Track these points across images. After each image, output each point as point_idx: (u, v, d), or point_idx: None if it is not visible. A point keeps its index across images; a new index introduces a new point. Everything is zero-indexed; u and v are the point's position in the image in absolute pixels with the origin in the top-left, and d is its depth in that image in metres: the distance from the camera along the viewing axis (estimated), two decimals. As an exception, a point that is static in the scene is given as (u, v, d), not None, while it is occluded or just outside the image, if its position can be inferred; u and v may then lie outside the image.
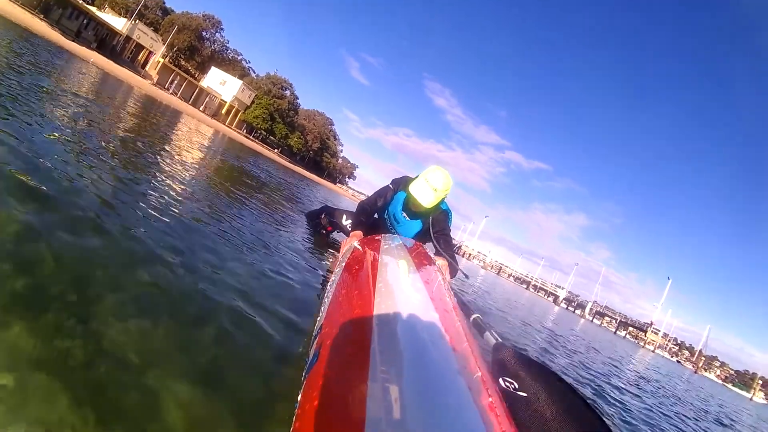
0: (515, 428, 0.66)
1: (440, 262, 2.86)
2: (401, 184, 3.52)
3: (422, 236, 3.42)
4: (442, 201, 3.44)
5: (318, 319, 1.24)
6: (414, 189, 3.26)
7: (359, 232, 3.21)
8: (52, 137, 2.74)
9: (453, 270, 3.13)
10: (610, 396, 4.14)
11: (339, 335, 0.91)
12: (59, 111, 3.73)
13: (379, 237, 2.41)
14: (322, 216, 4.22)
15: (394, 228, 3.60)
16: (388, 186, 3.65)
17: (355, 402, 0.62)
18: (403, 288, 1.20)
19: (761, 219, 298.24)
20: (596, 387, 4.21)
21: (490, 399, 0.68)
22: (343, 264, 1.74)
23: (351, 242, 2.79)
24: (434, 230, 3.36)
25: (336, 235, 4.39)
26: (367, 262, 1.56)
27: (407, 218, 3.46)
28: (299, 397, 0.77)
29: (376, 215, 3.81)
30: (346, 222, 4.04)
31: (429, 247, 3.12)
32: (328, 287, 1.58)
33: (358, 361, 0.73)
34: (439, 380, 0.69)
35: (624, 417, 3.45)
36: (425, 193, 3.24)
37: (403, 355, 0.75)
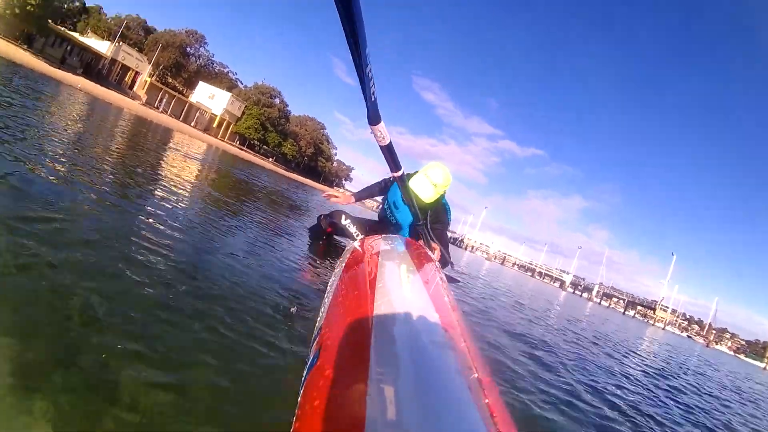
0: (515, 428, 0.67)
1: (435, 253, 2.99)
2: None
3: (418, 224, 3.50)
4: (442, 197, 3.58)
5: (318, 319, 1.24)
6: (414, 184, 3.36)
7: (350, 197, 4.13)
8: (43, 167, 2.68)
9: (444, 261, 3.36)
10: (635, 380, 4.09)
11: (339, 335, 0.92)
12: (50, 139, 3.70)
13: (379, 237, 2.40)
14: (321, 217, 4.20)
15: (393, 214, 3.77)
16: (388, 177, 3.80)
17: (355, 402, 0.63)
18: (403, 288, 1.21)
19: (761, 186, 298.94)
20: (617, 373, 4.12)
21: (490, 399, 0.70)
22: (343, 264, 1.75)
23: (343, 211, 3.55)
24: (432, 222, 3.46)
25: (337, 238, 4.35)
26: (366, 263, 1.57)
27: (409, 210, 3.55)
28: (299, 398, 0.78)
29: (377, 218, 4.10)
30: (345, 221, 4.01)
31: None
32: (329, 287, 1.58)
33: (359, 361, 0.74)
34: (439, 380, 0.69)
35: (648, 402, 3.38)
36: (425, 189, 3.36)
37: (402, 355, 0.76)
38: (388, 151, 2.56)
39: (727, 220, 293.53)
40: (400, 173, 2.91)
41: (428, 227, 3.43)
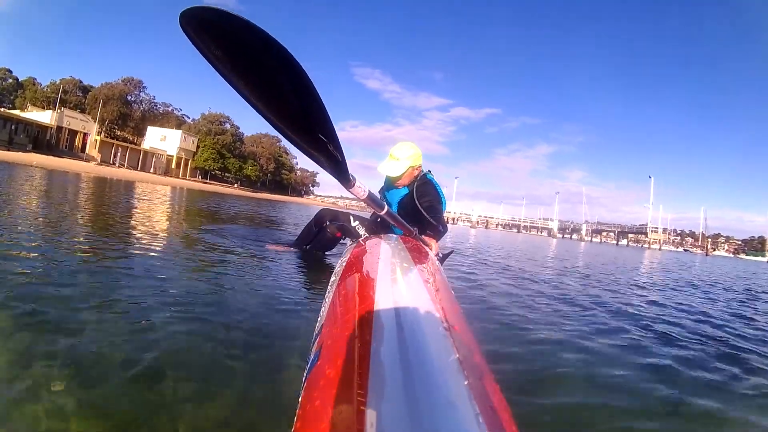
0: (515, 427, 0.67)
1: (433, 249, 2.97)
2: None
3: (408, 202, 3.52)
4: (421, 174, 3.58)
5: (319, 319, 1.22)
6: (383, 169, 3.47)
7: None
8: (15, 255, 2.51)
9: (438, 234, 3.32)
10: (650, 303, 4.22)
11: (340, 335, 0.92)
12: (15, 226, 3.47)
13: (380, 236, 2.43)
14: (326, 224, 4.01)
15: (385, 197, 3.70)
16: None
17: (355, 402, 0.63)
18: (403, 286, 1.21)
19: (713, 87, 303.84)
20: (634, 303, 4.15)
21: (491, 397, 0.71)
22: (344, 264, 1.72)
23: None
24: (420, 199, 3.43)
25: (344, 242, 4.07)
26: (367, 262, 1.58)
27: (395, 188, 3.63)
28: (300, 398, 0.78)
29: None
30: (355, 223, 3.89)
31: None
32: (329, 287, 1.55)
33: (359, 361, 0.74)
34: (440, 379, 0.69)
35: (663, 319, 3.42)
36: (391, 167, 3.43)
37: (403, 354, 0.75)
38: (371, 200, 2.45)
39: (695, 129, 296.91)
40: (385, 210, 2.79)
41: (419, 204, 3.39)
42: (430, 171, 3.66)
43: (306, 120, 1.50)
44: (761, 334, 3.32)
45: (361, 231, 3.85)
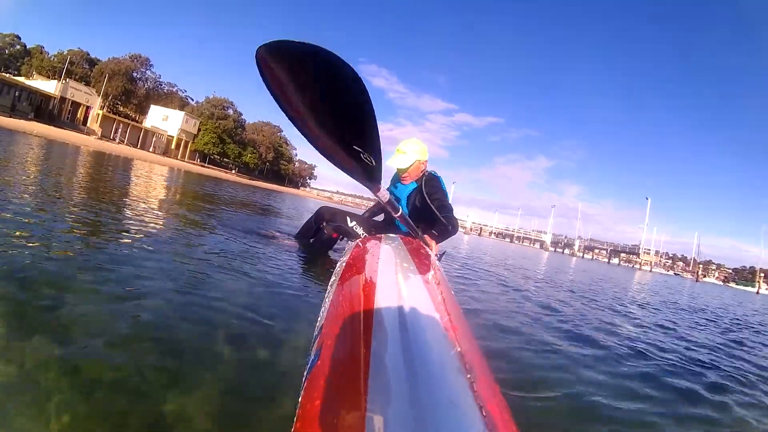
0: (516, 427, 0.68)
1: (433, 249, 3.07)
2: None
3: (416, 198, 3.60)
4: (428, 172, 3.68)
5: (319, 319, 1.22)
6: (390, 161, 3.55)
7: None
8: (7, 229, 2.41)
9: (446, 234, 3.44)
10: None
11: (340, 335, 0.93)
12: (12, 196, 3.43)
13: (379, 237, 2.43)
14: (323, 225, 4.00)
15: (393, 193, 3.75)
16: None
17: (355, 402, 0.64)
18: (403, 287, 1.20)
19: (727, 116, 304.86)
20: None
21: (492, 397, 0.71)
22: (344, 264, 1.73)
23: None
24: (431, 197, 3.49)
25: (342, 243, 4.02)
26: (367, 262, 1.57)
27: (402, 184, 3.71)
28: (300, 398, 0.78)
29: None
30: (352, 223, 3.86)
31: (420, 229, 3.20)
32: (329, 287, 1.56)
33: (359, 361, 0.75)
34: (440, 379, 0.69)
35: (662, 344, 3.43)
36: (396, 159, 3.55)
37: (403, 354, 0.76)
38: (390, 203, 2.74)
39: (696, 155, 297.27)
40: (399, 213, 2.93)
41: (428, 199, 3.46)
42: (435, 171, 3.71)
43: (353, 133, 1.62)
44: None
45: (359, 230, 3.81)
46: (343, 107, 1.60)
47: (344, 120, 1.68)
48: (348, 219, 3.90)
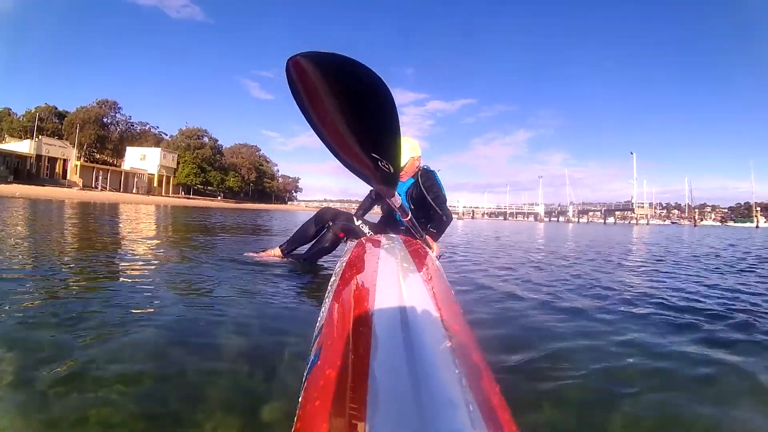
0: (515, 426, 0.67)
1: (434, 250, 3.10)
2: None
3: (415, 192, 3.68)
4: (427, 167, 3.79)
5: (319, 319, 1.21)
6: None
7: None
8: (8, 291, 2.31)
9: (443, 224, 3.62)
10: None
11: (339, 335, 0.93)
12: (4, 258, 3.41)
13: (379, 237, 2.43)
14: (329, 224, 3.88)
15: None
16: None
17: (355, 402, 0.64)
18: (403, 286, 1.19)
19: (697, 53, 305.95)
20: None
21: (492, 397, 0.72)
22: (344, 264, 1.74)
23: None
24: (428, 191, 3.59)
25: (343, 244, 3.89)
26: (367, 262, 1.58)
27: (400, 181, 3.65)
28: (300, 398, 0.78)
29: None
30: (358, 222, 3.84)
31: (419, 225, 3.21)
32: (329, 288, 1.55)
33: (359, 361, 0.75)
34: (441, 378, 0.69)
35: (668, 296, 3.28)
36: None
37: (403, 354, 0.76)
38: (401, 207, 2.84)
39: (672, 99, 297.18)
40: (409, 216, 3.03)
41: (428, 197, 3.55)
42: (428, 165, 3.80)
43: (375, 142, 1.69)
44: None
45: (365, 229, 3.77)
46: (370, 117, 1.66)
47: (369, 129, 1.73)
48: (354, 219, 3.89)
